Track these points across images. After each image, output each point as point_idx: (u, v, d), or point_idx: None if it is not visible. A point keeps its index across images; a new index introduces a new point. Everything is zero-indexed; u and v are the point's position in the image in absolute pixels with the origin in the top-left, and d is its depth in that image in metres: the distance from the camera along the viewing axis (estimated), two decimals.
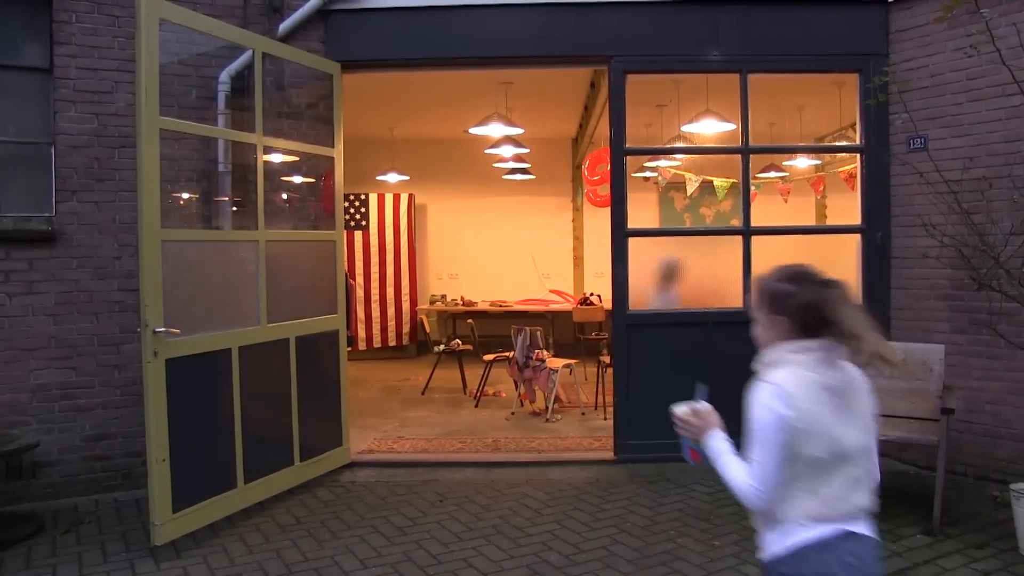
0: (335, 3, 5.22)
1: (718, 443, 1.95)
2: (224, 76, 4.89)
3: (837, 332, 1.83)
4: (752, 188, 5.98)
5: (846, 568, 1.78)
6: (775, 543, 1.92)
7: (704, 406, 2.07)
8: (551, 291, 10.54)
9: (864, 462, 1.85)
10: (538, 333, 6.86)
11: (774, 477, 1.80)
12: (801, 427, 1.78)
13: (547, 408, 6.78)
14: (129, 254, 4.72)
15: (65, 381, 4.69)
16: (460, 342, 8.37)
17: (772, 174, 9.40)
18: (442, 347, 8.24)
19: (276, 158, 5.35)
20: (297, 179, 5.66)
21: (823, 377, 1.84)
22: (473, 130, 7.51)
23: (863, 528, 1.85)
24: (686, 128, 7.31)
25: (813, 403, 1.80)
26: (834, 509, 1.81)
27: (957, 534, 3.93)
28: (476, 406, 7.28)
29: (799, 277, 1.90)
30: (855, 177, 5.97)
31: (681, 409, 2.09)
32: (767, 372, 1.90)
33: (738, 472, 1.88)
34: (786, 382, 1.83)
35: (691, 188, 8.85)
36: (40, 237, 4.63)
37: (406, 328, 10.46)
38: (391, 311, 10.36)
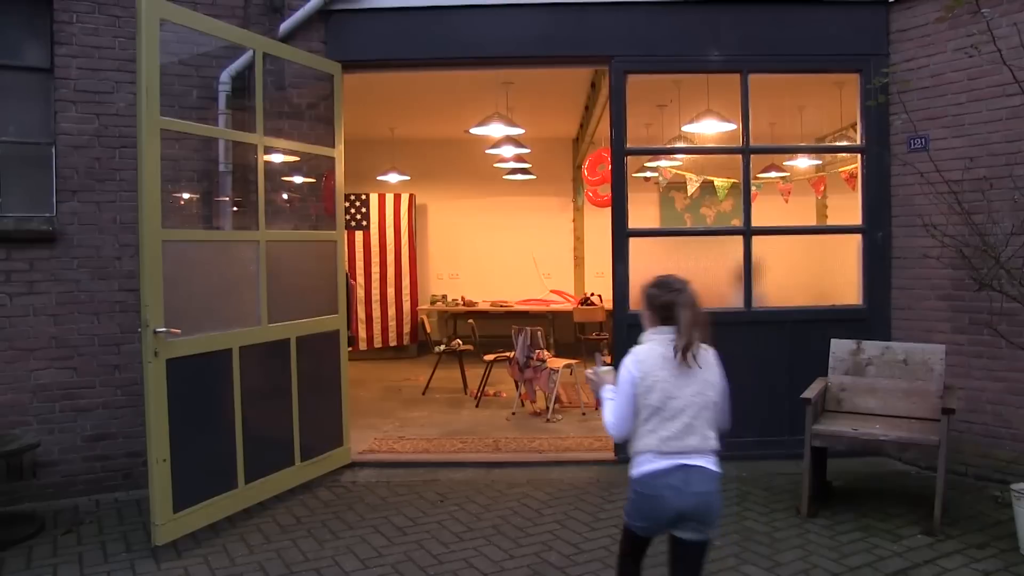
0: (336, 3, 5.22)
1: (606, 394, 2.69)
2: (225, 76, 4.89)
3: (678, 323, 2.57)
4: (753, 188, 5.98)
5: (671, 490, 2.50)
6: (633, 468, 2.60)
7: (603, 369, 2.77)
8: (552, 291, 10.55)
9: (699, 415, 2.54)
10: (539, 333, 6.86)
11: (623, 416, 2.57)
12: (646, 383, 2.53)
13: (548, 408, 6.78)
14: (130, 254, 4.72)
15: (66, 381, 4.70)
16: (461, 342, 8.37)
17: (773, 174, 9.40)
18: (443, 347, 8.25)
19: (277, 158, 5.35)
20: (298, 179, 5.66)
21: (669, 352, 2.55)
22: (474, 130, 7.52)
23: (696, 461, 2.52)
24: (687, 128, 7.31)
25: (657, 368, 2.54)
26: (669, 447, 2.52)
27: (958, 534, 3.93)
28: (477, 406, 7.29)
29: (662, 284, 2.65)
30: (856, 177, 5.97)
31: (588, 372, 2.86)
32: (637, 346, 2.63)
33: (607, 412, 2.64)
34: (641, 352, 2.59)
35: (692, 188, 8.85)
36: (41, 237, 4.64)
37: (407, 328, 10.46)
38: (392, 311, 10.36)
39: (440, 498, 4.68)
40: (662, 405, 2.53)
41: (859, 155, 5.51)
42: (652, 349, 2.59)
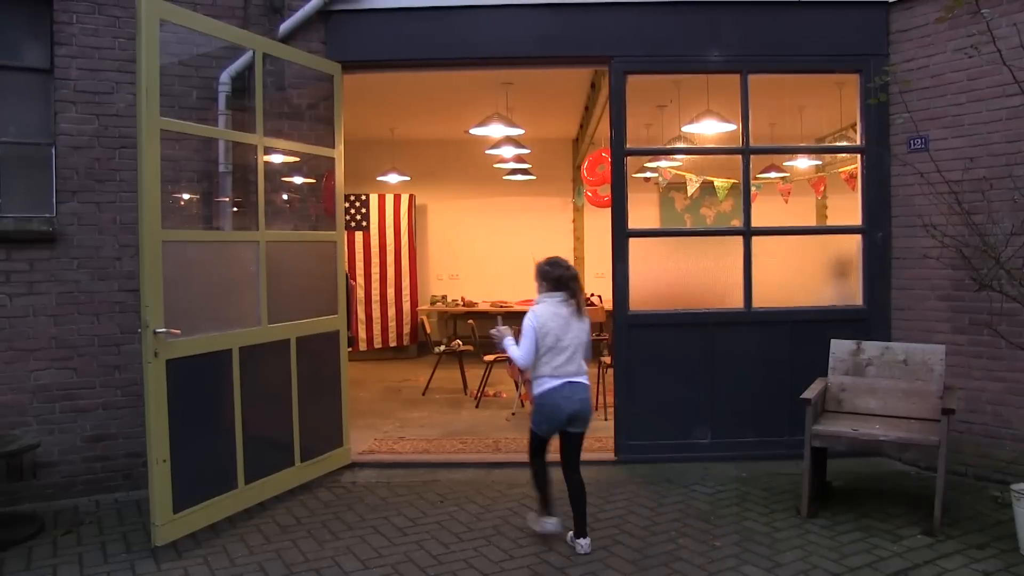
0: (336, 4, 5.22)
1: (509, 342, 3.99)
2: (225, 77, 4.89)
3: (568, 292, 3.90)
4: (753, 188, 5.98)
5: (563, 399, 3.83)
6: (536, 388, 3.90)
7: (503, 328, 4.08)
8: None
9: (577, 350, 3.88)
10: None
11: (529, 352, 3.83)
12: (542, 330, 3.83)
13: None
14: (130, 255, 4.72)
15: (66, 382, 4.69)
16: (460, 343, 8.37)
17: (773, 174, 9.40)
18: (442, 348, 8.25)
19: (277, 159, 5.35)
20: (298, 180, 5.66)
21: (557, 309, 3.87)
22: (474, 131, 7.52)
23: (576, 379, 3.87)
24: (686, 128, 7.32)
25: (549, 320, 3.84)
26: (559, 372, 3.84)
27: (958, 534, 3.93)
28: (477, 407, 7.29)
29: (554, 264, 3.97)
30: (856, 177, 5.97)
31: (492, 330, 4.12)
32: (535, 305, 3.92)
33: (513, 349, 3.92)
34: (539, 309, 3.88)
35: (692, 188, 8.86)
36: (41, 238, 4.64)
37: (407, 329, 10.46)
38: (392, 311, 10.36)
39: (440, 499, 4.68)
40: (554, 344, 3.84)
41: (859, 155, 5.51)
42: (546, 308, 3.90)
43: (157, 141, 3.90)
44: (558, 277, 3.92)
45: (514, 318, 8.82)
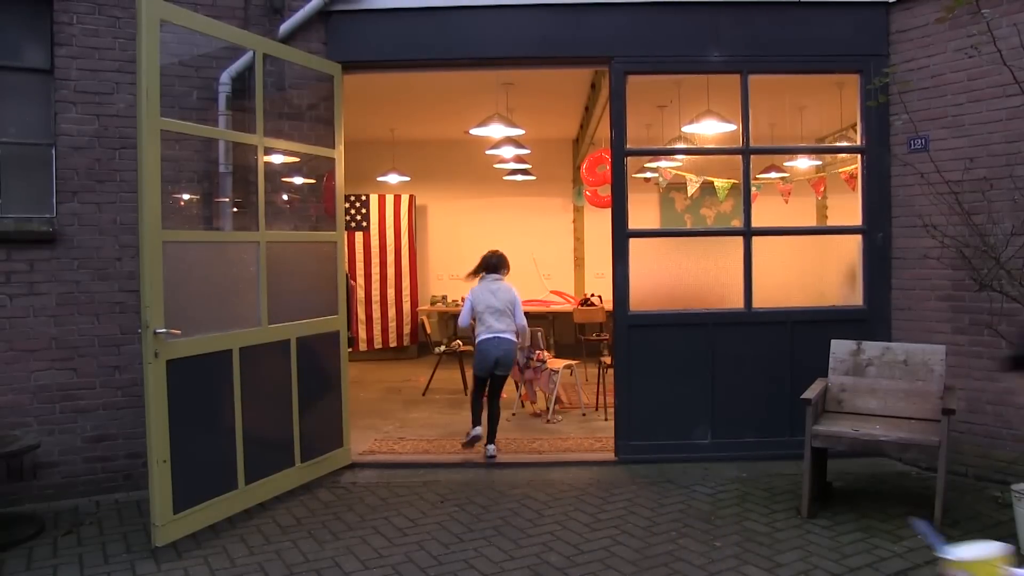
0: (336, 4, 5.22)
1: (466, 311, 5.85)
2: (225, 77, 4.89)
3: (496, 272, 5.85)
4: (753, 189, 5.98)
5: (492, 347, 5.62)
6: (476, 340, 5.69)
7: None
8: (552, 292, 10.54)
9: (505, 314, 5.68)
10: (539, 334, 6.86)
11: (465, 314, 5.84)
12: (475, 300, 5.77)
13: (548, 409, 6.78)
14: (130, 255, 4.72)
15: (66, 382, 4.70)
16: (461, 343, 8.36)
17: (773, 175, 9.40)
18: (443, 348, 8.24)
19: (277, 159, 5.35)
20: (298, 180, 5.67)
21: (488, 286, 5.79)
22: (474, 131, 7.52)
23: (502, 335, 5.64)
24: (687, 129, 7.32)
25: (480, 293, 5.77)
26: (490, 330, 5.65)
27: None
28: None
29: (491, 254, 5.93)
30: (856, 178, 5.97)
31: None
32: (475, 284, 5.83)
33: (460, 318, 5.87)
34: (476, 288, 5.85)
35: (692, 189, 8.85)
36: (41, 238, 4.64)
37: (407, 329, 10.46)
38: (392, 312, 10.36)
39: (440, 499, 4.68)
40: (483, 310, 5.69)
41: (859, 156, 5.51)
42: (481, 286, 5.84)
43: (157, 141, 3.90)
44: (486, 262, 5.93)
45: None
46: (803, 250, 5.80)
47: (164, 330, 3.85)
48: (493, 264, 5.89)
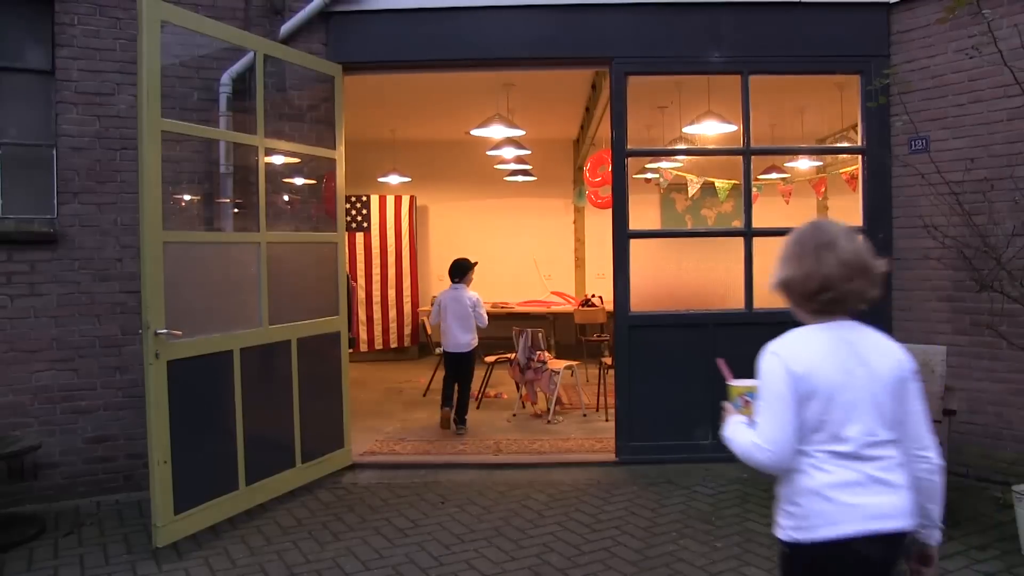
0: (337, 5, 5.22)
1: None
2: (226, 78, 4.90)
3: (460, 278, 6.59)
4: (754, 189, 5.98)
5: (447, 338, 6.62)
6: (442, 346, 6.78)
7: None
8: (552, 292, 10.54)
9: (467, 316, 6.47)
10: (540, 334, 6.86)
11: (434, 315, 6.74)
12: (441, 304, 6.59)
13: (549, 410, 6.78)
14: (131, 256, 4.72)
15: (67, 383, 4.70)
16: None
17: (774, 175, 9.40)
18: (443, 349, 8.22)
19: (278, 160, 5.35)
20: (299, 181, 5.67)
21: (452, 293, 6.54)
22: (475, 132, 7.52)
23: (460, 347, 6.57)
24: (687, 129, 7.32)
25: (443, 297, 6.61)
26: (446, 334, 6.64)
27: (959, 536, 3.92)
28: (478, 407, 7.28)
29: (455, 262, 6.64)
30: (856, 178, 5.97)
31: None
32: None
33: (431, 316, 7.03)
34: (442, 294, 6.64)
35: (692, 189, 8.85)
36: (42, 239, 4.64)
37: (407, 330, 10.46)
38: (392, 313, 10.36)
39: (441, 500, 4.68)
40: (444, 316, 6.49)
41: (860, 156, 5.50)
42: (446, 293, 6.52)
43: (158, 142, 3.91)
44: (452, 268, 6.61)
45: (515, 319, 8.91)
46: None
47: (165, 331, 3.85)
48: (458, 270, 6.59)
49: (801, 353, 1.89)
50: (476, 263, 6.75)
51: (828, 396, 1.83)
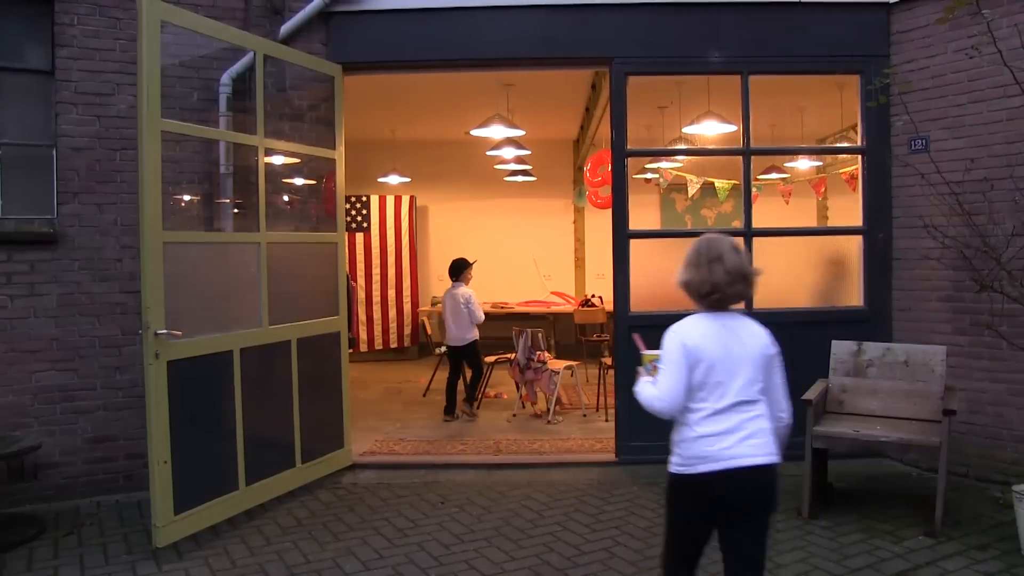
0: (336, 5, 5.22)
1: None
2: (226, 78, 4.89)
3: (456, 279, 6.95)
4: (753, 190, 5.98)
5: (451, 351, 7.05)
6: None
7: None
8: (552, 292, 10.55)
9: (460, 313, 6.86)
10: (539, 335, 6.86)
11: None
12: (443, 299, 7.07)
13: (548, 410, 6.77)
14: (131, 256, 4.72)
15: (67, 383, 4.70)
16: None
17: (773, 175, 9.40)
18: (443, 349, 8.23)
19: (277, 160, 5.35)
20: (298, 181, 5.67)
21: (451, 290, 6.94)
22: (474, 132, 7.52)
23: (455, 341, 6.96)
24: (687, 130, 7.32)
25: (444, 296, 7.06)
26: (449, 336, 7.04)
27: (959, 535, 3.92)
28: (478, 408, 7.28)
29: (453, 262, 7.02)
30: (856, 178, 5.97)
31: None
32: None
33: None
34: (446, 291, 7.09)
35: (692, 190, 8.85)
36: (42, 239, 4.64)
37: (407, 330, 10.46)
38: (392, 313, 10.36)
39: (441, 500, 4.68)
40: (444, 313, 6.85)
41: (860, 156, 5.50)
42: (446, 292, 6.89)
43: (158, 143, 3.91)
44: (450, 267, 7.00)
45: (515, 320, 8.90)
46: (804, 251, 5.79)
47: (165, 331, 3.85)
48: (452, 271, 7.05)
49: (692, 332, 2.56)
50: (474, 262, 7.12)
51: (710, 364, 2.49)
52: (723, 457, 2.42)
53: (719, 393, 2.47)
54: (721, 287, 2.57)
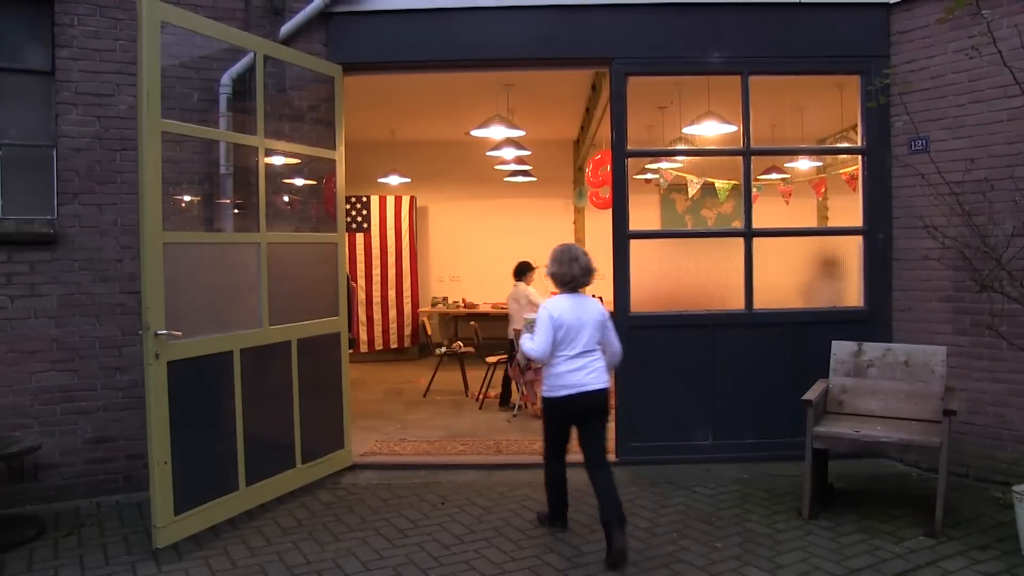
0: (336, 5, 5.22)
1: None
2: (226, 79, 4.89)
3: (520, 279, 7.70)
4: (754, 190, 5.98)
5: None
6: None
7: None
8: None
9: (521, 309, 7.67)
10: None
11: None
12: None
13: None
14: (131, 256, 4.72)
15: (67, 384, 4.70)
16: (461, 344, 8.38)
17: (774, 176, 9.40)
18: (444, 349, 8.25)
19: (278, 160, 5.35)
20: (299, 181, 5.67)
21: (512, 291, 7.62)
22: (474, 132, 7.52)
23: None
24: (687, 130, 7.32)
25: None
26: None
27: (959, 536, 3.92)
28: (479, 408, 7.28)
29: (520, 262, 7.67)
30: (856, 179, 5.97)
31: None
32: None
33: None
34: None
35: (692, 190, 8.86)
36: (42, 240, 4.64)
37: (408, 330, 10.47)
38: (393, 313, 10.37)
39: (441, 500, 4.68)
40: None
41: (860, 157, 5.50)
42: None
43: (158, 143, 3.91)
44: (516, 269, 7.59)
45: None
46: (804, 251, 5.79)
47: (165, 331, 3.85)
48: (515, 272, 7.63)
49: (556, 307, 3.87)
50: (537, 267, 7.46)
51: (567, 327, 3.84)
52: (576, 384, 3.80)
53: (572, 345, 3.84)
54: (576, 279, 3.91)
